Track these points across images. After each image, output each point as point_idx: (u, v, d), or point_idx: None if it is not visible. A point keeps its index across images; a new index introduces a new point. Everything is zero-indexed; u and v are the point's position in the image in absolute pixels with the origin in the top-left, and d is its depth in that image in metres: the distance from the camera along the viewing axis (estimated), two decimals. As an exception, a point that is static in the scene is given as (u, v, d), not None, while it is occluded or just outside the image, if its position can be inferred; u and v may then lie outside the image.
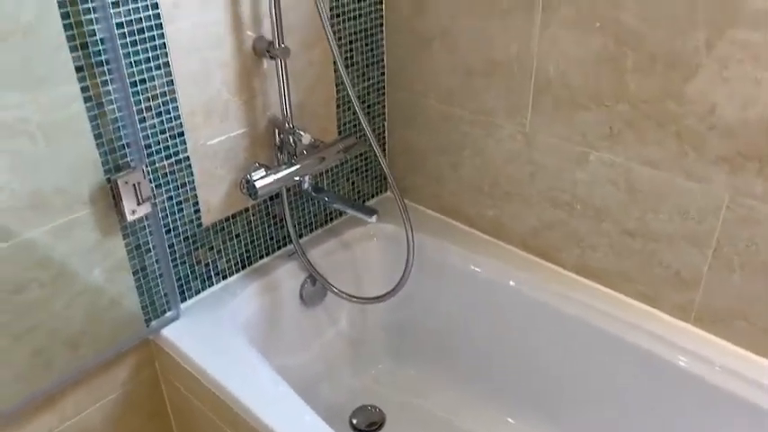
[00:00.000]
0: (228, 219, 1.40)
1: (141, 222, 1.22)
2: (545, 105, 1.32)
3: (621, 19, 1.15)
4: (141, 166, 1.16)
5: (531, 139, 1.38)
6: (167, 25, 1.14)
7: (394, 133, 1.68)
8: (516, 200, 1.48)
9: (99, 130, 1.10)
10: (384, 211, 1.62)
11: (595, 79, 1.22)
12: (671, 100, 1.14)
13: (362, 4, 1.47)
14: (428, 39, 1.46)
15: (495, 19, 1.32)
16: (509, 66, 1.34)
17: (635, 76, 1.17)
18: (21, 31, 0.96)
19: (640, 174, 1.24)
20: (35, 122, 1.02)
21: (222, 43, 1.23)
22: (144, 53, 1.12)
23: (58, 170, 1.07)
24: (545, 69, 1.29)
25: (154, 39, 1.13)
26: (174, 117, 1.21)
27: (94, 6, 1.02)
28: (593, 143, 1.28)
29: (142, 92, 1.15)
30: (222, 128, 1.30)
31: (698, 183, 1.17)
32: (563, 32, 1.23)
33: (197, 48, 1.20)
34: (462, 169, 1.55)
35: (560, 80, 1.27)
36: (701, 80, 1.10)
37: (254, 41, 1.29)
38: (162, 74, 1.16)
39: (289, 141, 1.37)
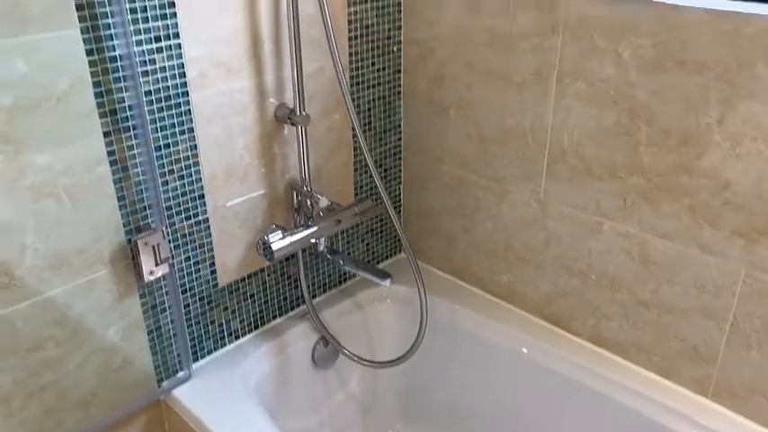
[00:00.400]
0: (244, 279, 1.41)
1: (158, 282, 1.24)
2: (559, 174, 1.34)
3: (634, 94, 1.17)
4: (161, 227, 1.18)
5: (545, 206, 1.39)
6: (193, 93, 1.18)
7: (409, 196, 1.70)
8: (530, 266, 1.48)
9: (123, 192, 1.13)
10: (397, 272, 1.62)
11: (609, 151, 1.24)
12: (684, 174, 1.16)
13: (382, 74, 1.51)
14: (445, 107, 1.50)
15: (510, 90, 1.35)
16: (523, 135, 1.37)
17: (649, 149, 1.19)
18: (55, 97, 1.00)
19: (655, 245, 1.24)
20: (62, 184, 1.05)
21: (246, 110, 1.27)
22: (170, 119, 1.16)
23: (81, 231, 1.10)
24: (559, 139, 1.31)
25: (180, 106, 1.17)
26: (195, 180, 1.24)
27: (125, 75, 1.07)
28: (608, 213, 1.29)
29: (166, 156, 1.18)
30: (241, 190, 1.33)
31: (713, 256, 1.17)
32: (577, 105, 1.26)
33: (221, 114, 1.24)
34: (476, 233, 1.56)
35: (574, 150, 1.29)
36: (714, 156, 1.11)
37: (277, 108, 1.33)
38: (186, 139, 1.20)
39: (306, 204, 1.40)
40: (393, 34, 1.50)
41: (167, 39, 1.11)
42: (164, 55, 1.12)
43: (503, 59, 1.34)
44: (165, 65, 1.12)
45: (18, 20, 0.93)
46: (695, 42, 1.07)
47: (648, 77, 1.14)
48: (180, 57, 1.14)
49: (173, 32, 1.11)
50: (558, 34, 1.23)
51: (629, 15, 1.13)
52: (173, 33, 1.11)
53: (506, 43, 1.32)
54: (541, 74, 1.29)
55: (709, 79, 1.08)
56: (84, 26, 1.00)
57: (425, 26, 1.46)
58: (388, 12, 1.46)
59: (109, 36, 1.03)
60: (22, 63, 0.95)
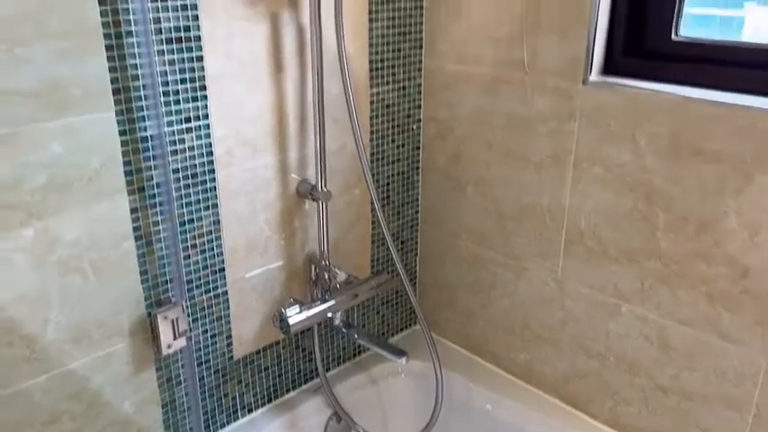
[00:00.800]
0: (259, 351, 1.41)
1: (175, 355, 1.24)
2: (577, 254, 1.34)
3: (651, 181, 1.19)
4: (181, 301, 1.19)
5: (563, 285, 1.39)
6: (219, 171, 1.21)
7: (426, 269, 1.71)
8: (548, 345, 1.47)
9: (145, 266, 1.15)
10: (412, 345, 1.61)
11: (626, 235, 1.25)
12: (702, 261, 1.16)
13: (401, 150, 1.55)
14: (462, 184, 1.53)
15: (528, 171, 1.38)
16: (541, 214, 1.38)
17: (666, 235, 1.19)
18: (87, 176, 1.04)
19: (674, 331, 1.23)
20: (88, 259, 1.08)
21: (268, 186, 1.30)
22: (195, 195, 1.19)
23: (103, 305, 1.11)
24: (576, 221, 1.32)
25: (206, 183, 1.20)
26: (217, 254, 1.26)
27: (155, 155, 1.11)
28: (626, 296, 1.29)
29: (189, 230, 1.21)
30: (261, 262, 1.35)
31: (734, 345, 1.16)
32: (594, 189, 1.27)
33: (245, 190, 1.27)
34: (492, 309, 1.56)
35: (592, 232, 1.30)
36: (732, 244, 1.12)
37: (299, 184, 1.36)
38: (210, 214, 1.23)
39: (324, 277, 1.41)
40: (413, 113, 1.54)
41: (197, 119, 1.15)
42: (193, 135, 1.16)
43: (521, 141, 1.37)
44: (193, 144, 1.16)
45: (58, 103, 0.98)
46: (710, 133, 1.09)
47: (665, 164, 1.16)
48: (208, 136, 1.18)
49: (202, 113, 1.16)
50: (575, 120, 1.26)
51: (644, 104, 1.16)
52: (202, 114, 1.16)
53: (524, 126, 1.35)
54: (559, 157, 1.31)
55: (725, 169, 1.09)
56: (119, 108, 1.04)
57: (445, 106, 1.50)
58: (409, 92, 1.51)
59: (141, 117, 1.07)
60: (59, 144, 0.99)
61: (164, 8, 1.05)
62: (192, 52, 1.11)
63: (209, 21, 1.11)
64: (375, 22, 1.38)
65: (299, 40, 1.26)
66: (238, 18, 1.15)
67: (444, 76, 1.48)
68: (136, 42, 1.03)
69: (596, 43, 1.21)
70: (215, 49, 1.14)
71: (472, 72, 1.41)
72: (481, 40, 1.37)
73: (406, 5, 1.42)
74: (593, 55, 1.22)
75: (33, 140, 0.97)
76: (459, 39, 1.42)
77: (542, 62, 1.28)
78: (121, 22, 1.00)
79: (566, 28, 1.23)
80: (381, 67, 1.43)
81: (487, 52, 1.37)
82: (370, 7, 1.35)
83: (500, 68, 1.36)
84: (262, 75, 1.22)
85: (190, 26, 1.09)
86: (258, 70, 1.21)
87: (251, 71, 1.20)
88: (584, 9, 1.19)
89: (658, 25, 1.19)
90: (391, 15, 1.40)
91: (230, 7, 1.14)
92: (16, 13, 0.91)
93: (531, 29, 1.28)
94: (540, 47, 1.28)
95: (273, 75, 1.24)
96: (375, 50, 1.40)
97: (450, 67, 1.45)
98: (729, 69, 1.12)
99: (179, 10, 1.07)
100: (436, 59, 1.48)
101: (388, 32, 1.41)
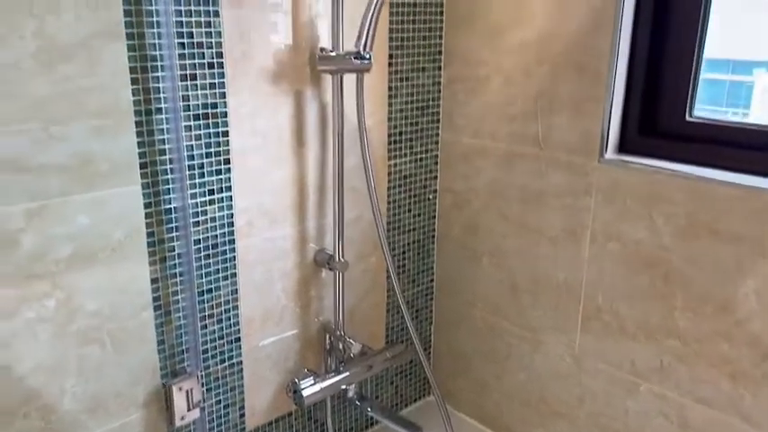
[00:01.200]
0: (271, 423, 1.39)
1: (188, 427, 1.23)
2: (594, 330, 1.33)
3: (669, 259, 1.19)
4: (197, 372, 1.19)
5: (580, 361, 1.37)
6: (239, 241, 1.23)
7: (440, 337, 1.69)
8: (564, 420, 1.44)
9: (163, 336, 1.16)
10: (426, 417, 1.58)
11: (644, 312, 1.24)
12: (723, 341, 1.15)
13: (417, 219, 1.57)
14: (478, 254, 1.53)
15: (543, 244, 1.39)
16: (557, 288, 1.38)
17: (685, 314, 1.19)
18: (111, 248, 1.06)
19: (694, 410, 1.21)
20: (107, 329, 1.08)
21: (286, 256, 1.32)
22: (215, 265, 1.21)
23: (120, 375, 1.11)
24: (594, 295, 1.32)
25: (226, 253, 1.22)
26: (233, 323, 1.26)
27: (177, 226, 1.13)
28: (644, 374, 1.27)
29: (207, 300, 1.22)
30: (276, 330, 1.35)
31: (757, 429, 1.13)
32: (611, 265, 1.28)
33: (263, 260, 1.28)
34: (507, 381, 1.54)
35: (609, 308, 1.30)
36: (754, 325, 1.11)
37: (316, 253, 1.37)
38: (228, 284, 1.24)
39: (338, 347, 1.40)
40: (429, 183, 1.57)
41: (220, 192, 1.18)
42: (215, 206, 1.18)
43: (536, 214, 1.38)
44: (215, 215, 1.18)
45: (88, 177, 1.01)
46: (726, 214, 1.10)
47: (683, 243, 1.17)
48: (230, 208, 1.20)
49: (225, 186, 1.18)
50: (591, 196, 1.28)
51: (660, 184, 1.18)
52: (225, 187, 1.18)
53: (539, 199, 1.37)
54: (575, 231, 1.32)
55: (743, 249, 1.10)
56: (145, 182, 1.07)
57: (461, 178, 1.52)
58: (426, 163, 1.54)
59: (167, 190, 1.10)
60: (86, 216, 1.02)
61: (193, 87, 1.09)
62: (219, 127, 1.14)
63: (235, 98, 1.15)
64: (394, 98, 1.42)
65: (320, 116, 1.29)
66: (263, 95, 1.19)
67: (461, 149, 1.51)
68: (165, 119, 1.06)
69: (611, 122, 1.24)
70: (240, 125, 1.17)
71: (488, 146, 1.44)
72: (497, 116, 1.41)
73: (424, 82, 1.46)
74: (609, 133, 1.24)
75: (62, 213, 0.99)
76: (475, 114, 1.45)
77: (557, 138, 1.31)
78: (152, 100, 1.04)
79: (580, 106, 1.26)
80: (400, 139, 1.46)
81: (503, 127, 1.40)
82: (389, 84, 1.39)
83: (515, 143, 1.39)
84: (284, 148, 1.25)
85: (217, 103, 1.13)
86: (281, 144, 1.24)
87: (274, 145, 1.23)
88: (599, 89, 1.23)
89: (673, 106, 1.22)
90: (410, 92, 1.44)
91: (256, 85, 1.18)
92: (55, 93, 0.94)
93: (546, 107, 1.31)
94: (554, 124, 1.31)
95: (295, 148, 1.27)
96: (394, 124, 1.44)
97: (467, 140, 1.49)
98: (743, 151, 1.14)
99: (207, 88, 1.11)
100: (453, 133, 1.51)
101: (407, 107, 1.45)
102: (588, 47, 1.22)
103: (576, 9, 1.23)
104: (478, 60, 1.42)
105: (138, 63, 1.02)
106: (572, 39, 1.25)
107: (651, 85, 1.23)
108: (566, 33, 1.25)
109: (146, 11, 1.00)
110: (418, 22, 1.41)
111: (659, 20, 1.20)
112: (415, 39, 1.41)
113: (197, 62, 1.09)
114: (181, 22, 1.05)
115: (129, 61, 1.01)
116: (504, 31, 1.35)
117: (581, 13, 1.22)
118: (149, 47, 1.02)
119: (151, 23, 1.01)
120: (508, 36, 1.35)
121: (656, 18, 1.20)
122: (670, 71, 1.20)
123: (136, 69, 1.02)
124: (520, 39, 1.33)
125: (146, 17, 1.01)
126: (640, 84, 1.24)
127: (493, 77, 1.40)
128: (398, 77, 1.41)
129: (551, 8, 1.27)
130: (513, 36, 1.34)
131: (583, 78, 1.25)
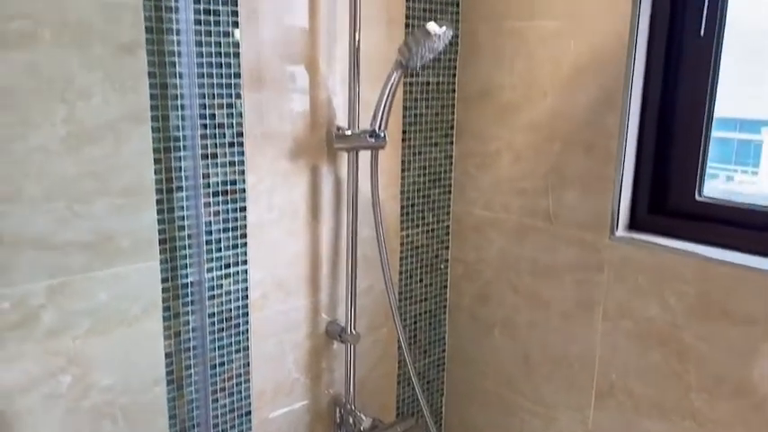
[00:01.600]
0: (280, 498, 1.37)
1: (196, 504, 1.21)
2: (608, 407, 1.32)
3: (682, 338, 1.19)
4: (207, 447, 1.18)
5: (594, 438, 1.35)
6: (253, 314, 1.24)
7: (452, 410, 1.67)
8: (578, 501, 1.40)
9: (174, 410, 1.15)
10: (437, 494, 1.55)
11: (658, 391, 1.23)
12: (741, 425, 1.13)
13: (429, 289, 1.57)
14: (489, 325, 1.53)
15: (555, 318, 1.39)
16: (570, 363, 1.37)
17: (700, 395, 1.17)
18: (127, 322, 1.07)
19: (713, 495, 1.18)
20: (119, 404, 1.08)
21: (299, 327, 1.32)
22: (228, 338, 1.22)
23: (130, 450, 1.11)
24: (607, 372, 1.31)
25: (239, 326, 1.23)
26: (244, 396, 1.26)
27: (193, 300, 1.14)
28: (660, 454, 1.25)
29: (220, 373, 1.22)
30: (286, 402, 1.34)
31: None
32: (624, 341, 1.27)
33: (275, 332, 1.29)
34: (520, 458, 1.51)
35: (623, 385, 1.29)
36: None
37: (328, 325, 1.38)
38: (241, 357, 1.24)
39: (349, 421, 1.39)
40: (441, 254, 1.58)
41: (236, 265, 1.20)
42: (231, 280, 1.20)
43: (547, 287, 1.39)
44: (230, 289, 1.20)
45: (109, 254, 1.03)
46: (737, 295, 1.10)
47: (695, 322, 1.16)
48: (245, 281, 1.21)
49: (242, 260, 1.20)
50: (604, 272, 1.29)
51: (670, 262, 1.18)
52: (241, 260, 1.20)
53: (550, 273, 1.38)
54: (587, 306, 1.32)
55: (757, 331, 1.09)
56: (163, 257, 1.09)
57: (472, 249, 1.54)
58: (437, 234, 1.56)
59: (184, 265, 1.12)
60: (105, 293, 1.03)
61: (213, 165, 1.13)
62: (237, 203, 1.17)
63: (254, 174, 1.18)
64: (407, 171, 1.45)
65: (335, 191, 1.32)
66: (281, 171, 1.23)
67: (472, 221, 1.52)
68: (185, 196, 1.09)
69: (622, 200, 1.26)
70: (258, 200, 1.20)
71: (499, 218, 1.46)
72: (508, 190, 1.43)
73: (436, 156, 1.50)
74: (620, 211, 1.26)
75: (83, 289, 1.01)
76: (486, 187, 1.48)
77: (568, 214, 1.33)
78: (173, 179, 1.08)
79: (591, 184, 1.28)
80: (412, 211, 1.49)
81: (514, 201, 1.42)
82: (403, 158, 1.43)
83: (526, 217, 1.41)
84: (299, 222, 1.28)
85: (236, 180, 1.16)
86: (296, 218, 1.27)
87: (289, 219, 1.26)
88: (609, 167, 1.25)
89: (682, 185, 1.24)
90: (422, 164, 1.48)
91: (274, 162, 1.21)
92: (80, 172, 0.98)
93: (557, 183, 1.34)
94: (565, 200, 1.33)
95: (310, 222, 1.29)
96: (406, 196, 1.47)
97: (478, 211, 1.51)
98: (753, 231, 1.15)
99: (227, 166, 1.15)
100: (464, 205, 1.54)
101: (419, 180, 1.48)
102: (598, 126, 1.26)
103: (586, 89, 1.27)
104: (490, 136, 1.45)
105: (162, 144, 1.05)
106: (582, 118, 1.28)
107: (661, 164, 1.26)
108: (575, 112, 1.29)
109: (170, 94, 1.05)
110: (431, 99, 1.46)
111: (667, 99, 1.23)
112: (428, 115, 1.45)
113: (218, 141, 1.13)
114: (204, 105, 1.09)
115: (153, 142, 1.04)
116: (515, 110, 1.39)
117: (590, 93, 1.26)
118: (173, 128, 1.06)
119: (175, 106, 1.06)
120: (519, 114, 1.39)
121: (663, 98, 1.23)
122: (679, 151, 1.23)
123: (159, 150, 1.05)
124: (530, 117, 1.37)
125: (170, 100, 1.05)
126: (650, 162, 1.26)
127: (504, 153, 1.43)
128: (411, 152, 1.44)
129: (561, 88, 1.31)
130: (524, 114, 1.38)
131: (592, 156, 1.27)
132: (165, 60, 1.03)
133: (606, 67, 1.23)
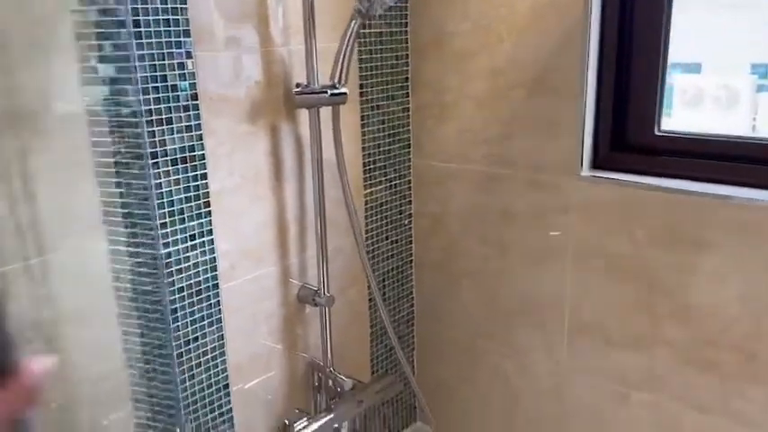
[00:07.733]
0: (264, 471, 1.34)
1: (181, 487, 1.17)
2: (580, 344, 1.35)
3: (652, 270, 1.22)
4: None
5: (567, 378, 1.39)
6: (223, 285, 1.19)
7: (423, 364, 1.68)
8: (556, 437, 1.45)
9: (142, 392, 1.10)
10: (417, 447, 1.57)
11: (631, 324, 1.27)
12: (711, 347, 1.18)
13: (395, 246, 1.56)
14: (457, 276, 1.53)
15: (525, 264, 1.40)
16: (541, 306, 1.40)
17: (671, 321, 1.22)
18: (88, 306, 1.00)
19: (688, 416, 1.24)
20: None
21: (271, 295, 1.28)
22: (200, 312, 1.16)
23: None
24: (578, 311, 1.34)
25: (209, 298, 1.17)
26: (221, 370, 1.22)
27: (156, 273, 1.08)
28: (634, 383, 1.29)
29: (194, 349, 1.16)
30: (263, 371, 1.31)
31: (749, 427, 1.17)
32: (594, 279, 1.30)
33: (248, 302, 1.24)
34: (493, 405, 1.54)
35: (594, 321, 1.32)
36: (738, 330, 1.14)
37: (300, 290, 1.34)
38: (215, 329, 1.19)
39: (328, 385, 1.37)
40: (404, 209, 1.56)
41: (201, 236, 1.14)
42: (197, 252, 1.13)
43: (515, 235, 1.40)
44: (198, 261, 1.14)
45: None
46: (703, 224, 1.14)
47: (664, 254, 1.20)
48: (213, 251, 1.16)
49: (206, 230, 1.14)
50: (570, 214, 1.30)
51: (635, 198, 1.21)
52: (206, 231, 1.14)
53: (518, 220, 1.38)
54: (556, 249, 1.34)
55: (723, 258, 1.13)
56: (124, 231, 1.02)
57: (436, 203, 1.52)
58: (400, 190, 1.53)
59: (147, 238, 1.05)
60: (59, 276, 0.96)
61: (169, 131, 1.05)
62: (197, 170, 1.11)
63: (212, 138, 1.12)
64: (367, 127, 1.41)
65: (297, 150, 1.27)
66: (240, 134, 1.16)
67: (433, 174, 1.51)
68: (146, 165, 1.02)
69: (585, 140, 1.27)
70: (218, 166, 1.14)
71: (462, 169, 1.45)
72: (469, 140, 1.42)
73: (394, 109, 1.46)
74: (584, 151, 1.27)
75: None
76: (446, 139, 1.46)
77: (530, 159, 1.33)
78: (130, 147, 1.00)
79: (553, 126, 1.28)
80: (374, 168, 1.45)
81: (476, 150, 1.41)
82: (362, 114, 1.39)
83: (489, 166, 1.40)
84: (263, 186, 1.22)
85: (194, 145, 1.09)
86: (259, 182, 1.21)
87: (252, 184, 1.20)
88: (570, 108, 1.25)
89: (642, 121, 1.25)
90: (381, 119, 1.44)
91: (232, 124, 1.15)
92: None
93: (519, 129, 1.33)
94: (526, 145, 1.33)
95: (273, 185, 1.24)
96: (368, 152, 1.43)
97: (439, 164, 1.49)
98: (712, 162, 1.18)
99: (183, 131, 1.07)
100: (424, 158, 1.51)
101: (379, 135, 1.45)
102: (557, 68, 1.25)
103: (543, 31, 1.25)
104: (446, 86, 1.43)
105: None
106: (541, 61, 1.27)
107: (620, 102, 1.27)
108: (534, 56, 1.28)
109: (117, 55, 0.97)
110: (385, 51, 1.41)
111: (624, 36, 1.23)
112: (383, 68, 1.41)
113: (172, 105, 1.05)
114: (154, 66, 1.01)
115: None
116: (471, 57, 1.37)
117: (548, 35, 1.25)
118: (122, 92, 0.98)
119: (126, 69, 0.97)
120: (475, 61, 1.36)
121: (620, 35, 1.23)
122: (637, 87, 1.24)
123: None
124: (487, 63, 1.35)
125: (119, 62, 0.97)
126: (609, 100, 1.27)
127: (462, 102, 1.41)
128: (370, 107, 1.40)
129: (517, 32, 1.29)
130: (480, 61, 1.36)
131: (554, 99, 1.27)
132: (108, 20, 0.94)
133: (563, 7, 1.22)
